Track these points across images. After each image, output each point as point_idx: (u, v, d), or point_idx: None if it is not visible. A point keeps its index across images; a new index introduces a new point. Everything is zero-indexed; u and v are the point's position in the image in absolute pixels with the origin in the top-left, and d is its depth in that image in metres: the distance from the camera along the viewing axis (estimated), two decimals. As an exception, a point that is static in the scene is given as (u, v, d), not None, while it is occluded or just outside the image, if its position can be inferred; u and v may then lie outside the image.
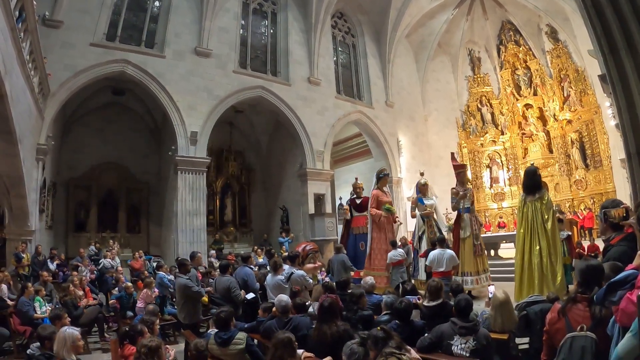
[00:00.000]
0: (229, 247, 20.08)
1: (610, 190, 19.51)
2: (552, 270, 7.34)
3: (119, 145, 19.14)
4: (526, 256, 7.61)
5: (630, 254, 3.46)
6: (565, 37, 21.88)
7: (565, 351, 2.77)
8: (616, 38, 4.72)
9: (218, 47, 17.54)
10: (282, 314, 5.51)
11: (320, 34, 20.71)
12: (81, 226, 18.23)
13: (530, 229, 7.61)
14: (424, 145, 25.17)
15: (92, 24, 14.72)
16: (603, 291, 2.67)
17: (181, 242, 15.51)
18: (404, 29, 23.89)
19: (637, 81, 4.59)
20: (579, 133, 21.45)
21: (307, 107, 19.82)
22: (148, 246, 19.12)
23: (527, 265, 7.57)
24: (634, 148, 4.70)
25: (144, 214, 20.00)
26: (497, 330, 4.81)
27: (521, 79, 24.50)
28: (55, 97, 13.57)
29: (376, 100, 23.12)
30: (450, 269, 9.10)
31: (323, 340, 4.67)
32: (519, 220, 7.95)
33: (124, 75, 15.48)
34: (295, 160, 20.47)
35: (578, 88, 21.36)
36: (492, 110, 25.75)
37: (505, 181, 24.65)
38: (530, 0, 21.90)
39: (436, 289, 5.39)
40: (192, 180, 16.12)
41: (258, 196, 23.16)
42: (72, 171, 18.12)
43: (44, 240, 14.08)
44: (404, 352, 3.46)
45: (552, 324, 3.22)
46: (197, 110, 16.52)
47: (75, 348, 4.36)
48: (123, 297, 9.89)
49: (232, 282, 7.59)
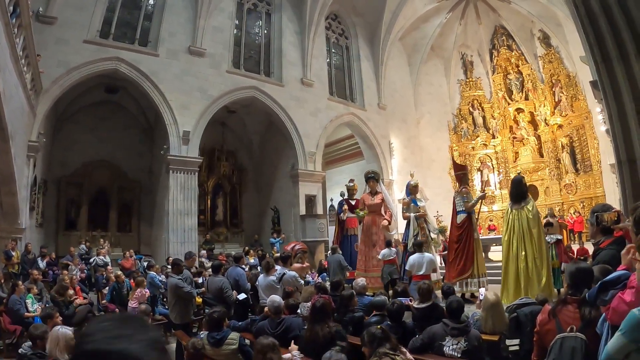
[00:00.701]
0: (220, 247, 20.01)
1: (599, 195, 19.68)
2: (537, 273, 7.64)
3: (111, 144, 19.02)
4: (512, 262, 7.95)
5: (619, 257, 3.53)
6: (557, 42, 22.04)
7: (555, 351, 2.82)
8: (608, 46, 4.78)
9: (212, 46, 17.53)
10: (275, 314, 5.52)
11: (314, 35, 20.75)
12: (72, 224, 18.06)
13: (515, 235, 7.97)
14: (416, 148, 25.26)
15: (86, 20, 14.65)
16: (595, 290, 2.72)
17: (172, 242, 15.48)
18: (398, 32, 23.97)
19: (628, 89, 4.66)
20: (570, 138, 21.62)
21: (300, 108, 19.85)
22: (139, 245, 19.04)
23: (513, 270, 7.90)
24: (624, 155, 4.76)
25: (135, 213, 19.89)
26: (488, 331, 4.86)
27: (513, 84, 24.63)
28: (47, 94, 13.50)
29: (369, 103, 23.19)
30: (429, 272, 9.18)
31: (315, 341, 4.69)
32: (504, 228, 8.40)
33: (117, 73, 15.44)
34: (287, 161, 20.47)
35: (569, 93, 21.51)
36: (484, 114, 25.87)
37: (496, 184, 24.78)
38: (523, 6, 22.06)
39: (427, 291, 5.44)
40: (184, 180, 16.10)
41: (249, 196, 23.10)
42: (64, 169, 17.96)
43: (34, 238, 13.99)
44: (398, 353, 3.50)
45: (543, 325, 3.27)
46: (190, 110, 16.50)
47: (68, 348, 4.35)
48: (115, 288, 9.86)
49: (224, 282, 7.61)
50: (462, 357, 4.21)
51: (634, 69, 4.61)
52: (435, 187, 23.34)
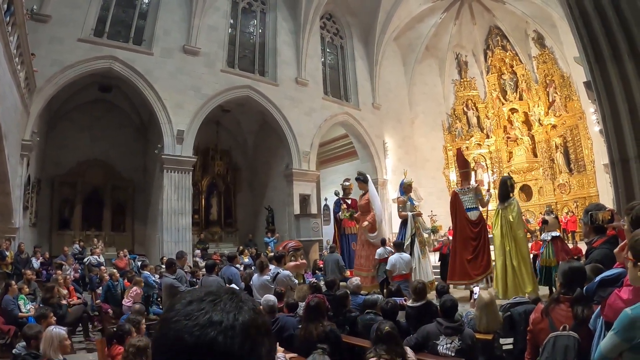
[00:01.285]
0: (214, 246, 20.01)
1: (593, 195, 19.78)
2: (522, 279, 8.04)
3: (105, 143, 18.96)
4: (499, 256, 8.67)
5: (612, 256, 3.57)
6: (551, 43, 22.11)
7: (548, 350, 2.83)
8: (602, 47, 4.80)
9: (207, 45, 17.49)
10: (269, 313, 5.53)
11: (309, 35, 20.74)
12: (65, 224, 17.98)
13: (502, 232, 8.61)
14: (410, 148, 25.29)
15: (81, 19, 14.59)
16: (595, 285, 2.74)
17: (166, 242, 15.44)
18: (393, 32, 24.00)
19: (622, 90, 4.68)
20: (564, 138, 21.71)
21: (294, 107, 19.85)
22: (133, 245, 18.97)
23: (500, 264, 8.59)
24: (617, 155, 4.79)
25: (129, 212, 19.83)
26: (482, 330, 4.88)
27: (507, 84, 24.68)
28: (41, 93, 13.43)
29: (363, 102, 23.22)
30: (408, 272, 9.46)
31: (309, 340, 4.70)
32: (493, 223, 8.76)
33: (111, 72, 15.38)
34: (282, 160, 20.45)
35: (563, 94, 21.61)
36: (478, 114, 25.93)
37: (489, 184, 24.77)
38: (518, 7, 22.11)
39: (422, 290, 5.45)
40: (178, 179, 16.06)
41: (244, 196, 23.08)
42: (57, 168, 17.87)
43: (27, 237, 13.93)
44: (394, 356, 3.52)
45: (536, 323, 3.29)
46: (184, 109, 16.46)
47: (62, 348, 4.35)
48: (110, 287, 9.82)
49: (219, 282, 7.62)
50: (456, 356, 4.23)
51: (627, 69, 4.64)
52: (429, 187, 23.43)
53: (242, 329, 0.80)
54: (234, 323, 0.80)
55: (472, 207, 9.93)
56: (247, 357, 0.79)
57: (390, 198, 22.41)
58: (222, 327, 0.79)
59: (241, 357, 0.78)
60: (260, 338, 0.83)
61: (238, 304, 0.85)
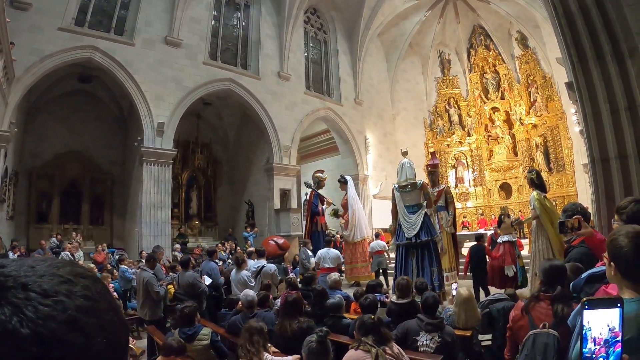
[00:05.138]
0: (194, 240, 19.90)
1: (572, 194, 20.07)
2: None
3: (84, 135, 18.68)
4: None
5: (590, 254, 3.60)
6: (534, 44, 22.37)
7: (528, 347, 2.83)
8: (585, 48, 4.82)
9: (189, 37, 17.28)
10: (248, 308, 5.50)
11: (292, 28, 20.64)
12: (43, 217, 17.67)
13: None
14: (391, 144, 25.32)
15: (62, 7, 14.20)
16: (582, 281, 2.75)
17: (145, 235, 15.24)
18: (377, 28, 23.99)
19: (603, 90, 4.71)
20: (544, 137, 21.99)
21: (276, 101, 19.74)
22: (111, 239, 18.76)
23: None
24: (598, 155, 4.83)
25: (107, 205, 19.55)
26: (461, 326, 4.91)
27: (489, 83, 24.92)
28: (19, 83, 13.06)
29: (345, 98, 23.20)
30: (335, 266, 10.18)
31: (283, 336, 4.74)
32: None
33: (91, 62, 15.07)
34: (263, 154, 20.40)
35: (545, 94, 21.89)
36: (460, 112, 26.13)
37: (470, 181, 25.05)
38: (502, 7, 22.29)
39: (405, 287, 5.45)
40: (158, 172, 15.85)
41: (224, 190, 22.98)
42: (35, 160, 17.55)
43: (4, 231, 13.62)
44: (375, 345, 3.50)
45: (516, 321, 3.30)
46: (165, 101, 16.24)
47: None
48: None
49: (195, 277, 7.55)
50: (436, 352, 4.23)
51: (610, 69, 4.67)
52: (411, 184, 23.50)
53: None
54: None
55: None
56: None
57: (371, 194, 22.51)
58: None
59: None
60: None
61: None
